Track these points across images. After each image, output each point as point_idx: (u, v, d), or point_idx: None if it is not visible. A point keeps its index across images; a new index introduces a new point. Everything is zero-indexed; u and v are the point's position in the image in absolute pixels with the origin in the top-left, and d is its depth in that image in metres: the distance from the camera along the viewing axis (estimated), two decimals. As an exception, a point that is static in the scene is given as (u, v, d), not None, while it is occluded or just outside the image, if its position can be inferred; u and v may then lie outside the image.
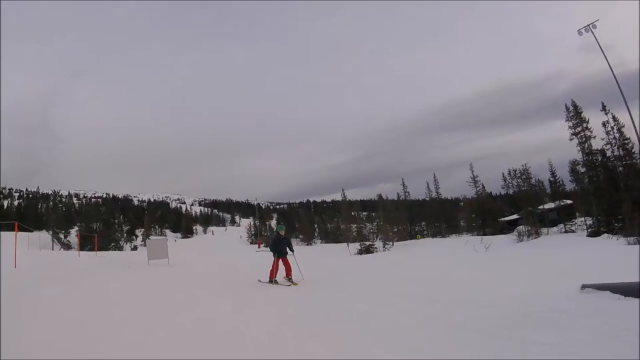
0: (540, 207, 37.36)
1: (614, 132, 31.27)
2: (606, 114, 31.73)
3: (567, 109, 33.25)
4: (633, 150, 29.48)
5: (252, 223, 68.26)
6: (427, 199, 53.75)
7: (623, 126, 30.18)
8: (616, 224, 26.88)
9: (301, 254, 11.82)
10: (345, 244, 37.67)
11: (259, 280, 9.50)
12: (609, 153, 31.48)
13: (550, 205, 38.54)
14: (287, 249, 9.79)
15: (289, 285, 8.87)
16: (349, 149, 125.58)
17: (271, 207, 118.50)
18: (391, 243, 35.83)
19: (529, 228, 32.94)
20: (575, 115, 32.67)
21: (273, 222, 69.80)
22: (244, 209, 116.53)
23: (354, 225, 50.47)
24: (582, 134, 32.25)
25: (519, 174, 40.31)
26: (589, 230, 29.95)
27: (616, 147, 31.30)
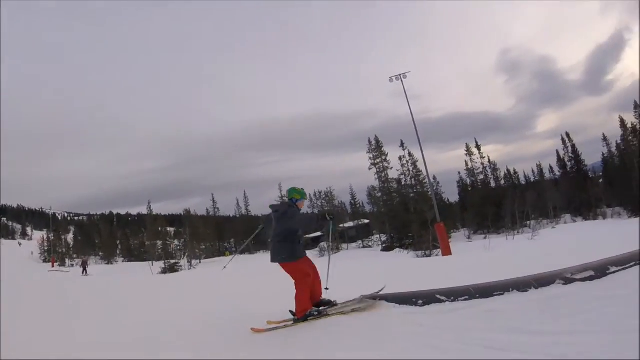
0: (342, 225, 41.71)
1: (408, 165, 37.45)
2: (404, 150, 37.96)
3: (370, 142, 38.65)
4: (424, 181, 35.48)
5: (45, 237, 55.04)
6: (237, 215, 53.44)
7: (417, 161, 36.42)
8: (407, 241, 31.94)
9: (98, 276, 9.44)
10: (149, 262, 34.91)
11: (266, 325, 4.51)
12: (403, 182, 37.77)
13: (350, 224, 43.67)
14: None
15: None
16: (161, 155, 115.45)
17: (69, 217, 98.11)
18: (198, 261, 34.72)
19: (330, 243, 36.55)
20: (377, 149, 38.23)
21: (70, 237, 57.93)
22: (37, 219, 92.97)
23: (160, 242, 46.66)
24: (381, 164, 37.82)
25: (324, 196, 44.85)
26: (383, 246, 35.38)
27: (409, 177, 37.72)
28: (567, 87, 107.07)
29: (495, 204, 36.62)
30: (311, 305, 4.25)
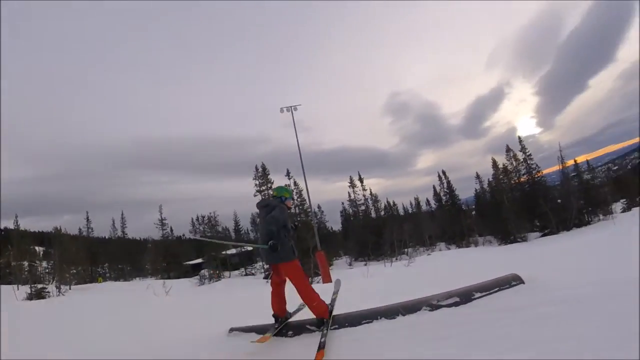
0: (224, 252, 40.13)
1: (292, 194, 37.71)
2: (289, 178, 39.03)
3: (257, 169, 38.22)
4: (308, 210, 35.93)
5: None
6: (113, 237, 48.74)
7: (302, 190, 37.27)
8: None
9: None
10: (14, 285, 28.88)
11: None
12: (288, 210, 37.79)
13: (233, 251, 41.87)
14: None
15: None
16: (32, 163, 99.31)
17: None
18: (68, 287, 30.10)
19: (211, 271, 34.37)
20: (263, 176, 37.82)
21: None
22: None
23: (26, 263, 39.47)
24: (266, 192, 37.15)
25: (207, 221, 42.59)
26: (265, 274, 34.18)
27: (294, 206, 37.55)
28: (448, 130, 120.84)
29: (376, 232, 38.50)
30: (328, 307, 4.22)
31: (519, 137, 42.38)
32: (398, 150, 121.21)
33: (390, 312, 4.14)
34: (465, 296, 4.29)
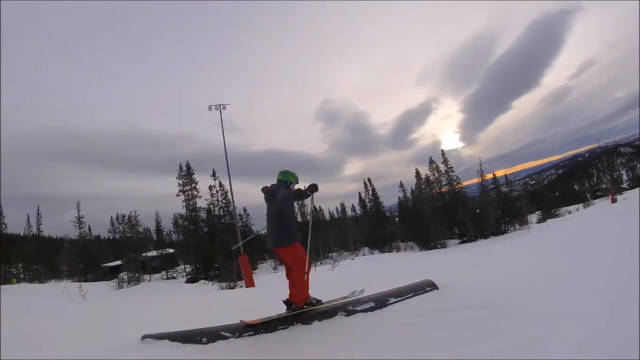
0: (144, 254, 38.43)
1: (218, 195, 36.88)
2: (215, 179, 37.59)
3: (181, 168, 36.56)
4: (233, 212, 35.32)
5: None
6: (27, 235, 44.39)
7: (227, 192, 36.12)
8: (212, 272, 30.62)
9: None
10: None
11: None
12: (213, 212, 36.74)
13: (154, 253, 40.33)
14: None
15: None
16: None
17: None
18: None
19: (130, 274, 33.12)
20: (187, 175, 36.33)
21: None
22: None
23: None
24: (190, 192, 36.05)
25: (127, 220, 39.86)
26: (188, 277, 33.18)
27: (218, 208, 37.08)
28: (376, 140, 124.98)
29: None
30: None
31: (442, 150, 44.74)
32: (327, 156, 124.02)
33: (306, 318, 4.13)
34: (380, 301, 4.35)
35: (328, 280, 11.19)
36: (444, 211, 40.20)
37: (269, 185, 4.51)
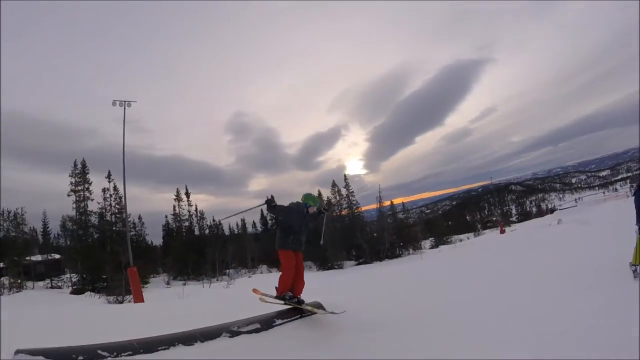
0: (29, 257, 34.30)
1: (111, 200, 34.24)
2: (110, 182, 34.60)
3: (75, 165, 33.28)
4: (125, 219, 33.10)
5: None
6: None
7: (122, 196, 33.16)
8: (100, 284, 28.31)
9: None
10: None
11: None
12: (106, 217, 33.99)
13: (39, 257, 36.22)
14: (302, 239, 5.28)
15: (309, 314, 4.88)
16: None
17: None
18: None
19: (12, 280, 29.29)
20: (81, 174, 33.20)
21: None
22: None
23: None
24: (82, 193, 33.00)
25: (12, 217, 34.50)
26: (73, 288, 30.05)
27: (110, 213, 34.28)
28: (283, 158, 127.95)
29: (198, 251, 37.36)
30: (288, 290, 4.84)
31: (345, 175, 46.72)
32: (233, 170, 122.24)
33: (188, 339, 3.97)
34: (266, 323, 4.35)
35: (221, 300, 11.34)
36: (343, 233, 41.25)
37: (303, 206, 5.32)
